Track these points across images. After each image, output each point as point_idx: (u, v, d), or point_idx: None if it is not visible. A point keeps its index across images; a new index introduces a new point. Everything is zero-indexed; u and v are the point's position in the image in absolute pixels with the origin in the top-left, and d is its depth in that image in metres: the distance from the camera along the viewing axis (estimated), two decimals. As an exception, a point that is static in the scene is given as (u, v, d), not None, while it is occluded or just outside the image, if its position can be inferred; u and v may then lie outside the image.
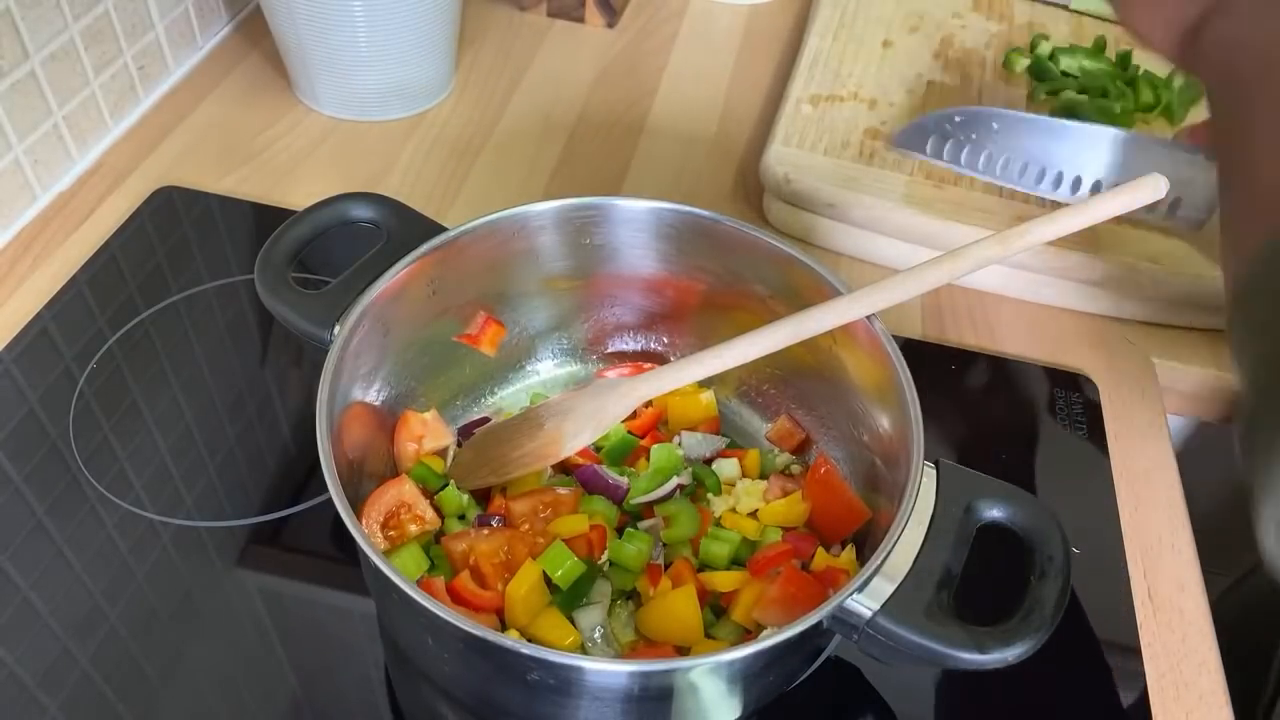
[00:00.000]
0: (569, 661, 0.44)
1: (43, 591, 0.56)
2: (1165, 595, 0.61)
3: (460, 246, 0.57)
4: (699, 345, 0.63)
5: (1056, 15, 0.99)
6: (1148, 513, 0.65)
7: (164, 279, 0.73)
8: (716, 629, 0.53)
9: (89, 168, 0.82)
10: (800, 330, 0.53)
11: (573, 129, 0.90)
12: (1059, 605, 0.45)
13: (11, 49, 0.71)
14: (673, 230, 0.60)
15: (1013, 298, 0.78)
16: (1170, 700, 0.57)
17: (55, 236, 0.76)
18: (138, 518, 0.59)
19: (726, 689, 0.48)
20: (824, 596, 0.50)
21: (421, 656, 0.52)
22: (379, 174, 0.84)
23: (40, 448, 0.62)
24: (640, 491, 0.58)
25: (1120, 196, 0.50)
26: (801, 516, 0.57)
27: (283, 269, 0.55)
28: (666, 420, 0.63)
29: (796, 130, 0.82)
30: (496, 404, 0.65)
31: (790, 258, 0.57)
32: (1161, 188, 0.49)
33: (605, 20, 1.02)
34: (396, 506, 0.54)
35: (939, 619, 0.45)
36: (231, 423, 0.65)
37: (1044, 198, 0.75)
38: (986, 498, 0.48)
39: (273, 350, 0.71)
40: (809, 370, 0.60)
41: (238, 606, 0.57)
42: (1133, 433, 0.70)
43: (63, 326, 0.69)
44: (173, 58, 0.89)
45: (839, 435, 0.60)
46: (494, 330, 0.62)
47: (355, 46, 0.83)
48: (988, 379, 0.73)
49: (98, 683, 0.53)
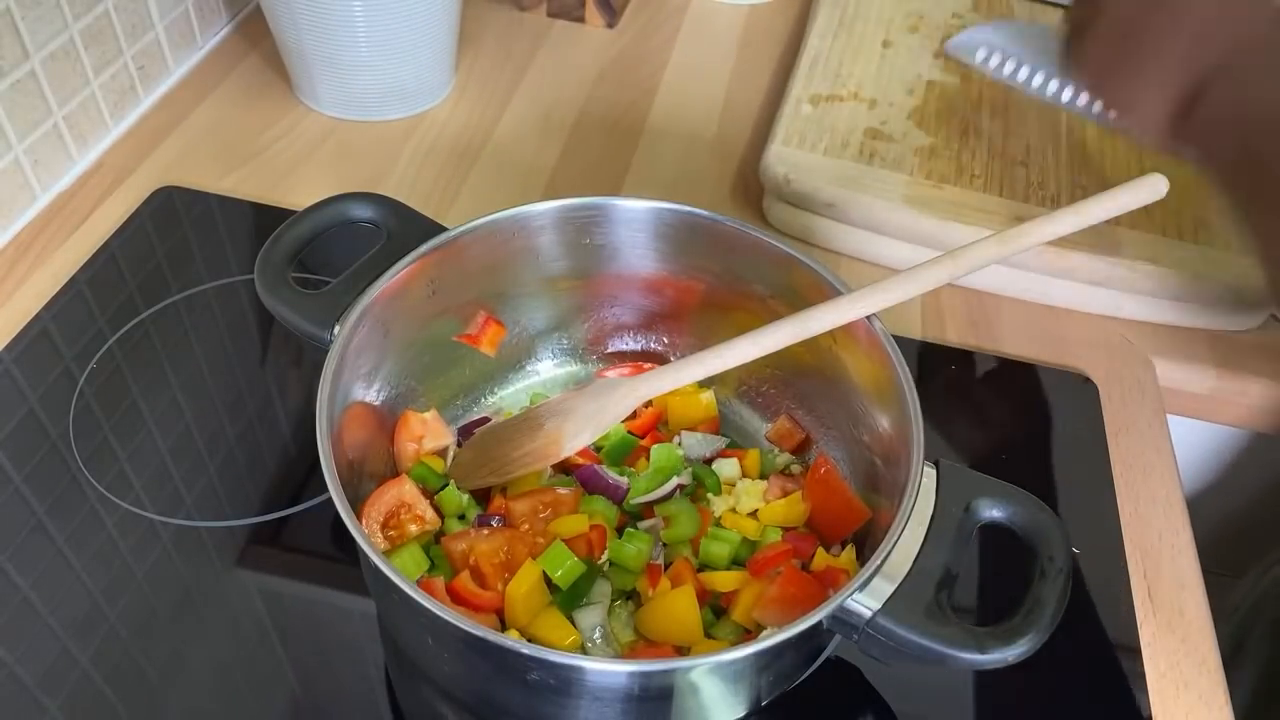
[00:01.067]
0: (569, 661, 0.44)
1: (43, 591, 0.56)
2: (1165, 595, 0.61)
3: (460, 246, 0.57)
4: (699, 345, 0.63)
5: (1056, 15, 0.99)
6: (1148, 513, 0.65)
7: (164, 279, 0.73)
8: (716, 629, 0.53)
9: (89, 168, 0.82)
10: (801, 330, 0.53)
11: (573, 129, 0.90)
12: (1059, 605, 0.45)
13: (11, 49, 0.71)
14: (673, 230, 0.60)
15: (1013, 298, 0.78)
16: (1170, 700, 0.57)
17: (55, 236, 0.76)
18: (138, 518, 0.59)
19: (726, 689, 0.48)
20: (824, 596, 0.50)
21: (421, 656, 0.52)
22: (379, 174, 0.84)
23: (40, 448, 0.62)
24: (640, 491, 0.58)
25: (1119, 196, 0.50)
26: (801, 516, 0.57)
27: (283, 269, 0.55)
28: (666, 420, 0.63)
29: (796, 130, 0.82)
30: (496, 404, 0.65)
31: (790, 258, 0.57)
32: (1161, 188, 0.49)
33: (605, 20, 1.02)
34: (396, 506, 0.54)
35: (939, 619, 0.45)
36: (231, 423, 0.65)
37: (1044, 197, 0.75)
38: (986, 498, 0.48)
39: (273, 350, 0.71)
40: (809, 370, 0.60)
41: (238, 606, 0.56)
42: (1133, 433, 0.70)
43: (63, 326, 0.69)
44: (173, 58, 0.89)
45: (839, 435, 0.60)
46: (494, 330, 0.62)
47: (355, 47, 0.83)
48: (988, 379, 0.73)
49: (98, 683, 0.53)
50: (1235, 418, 0.77)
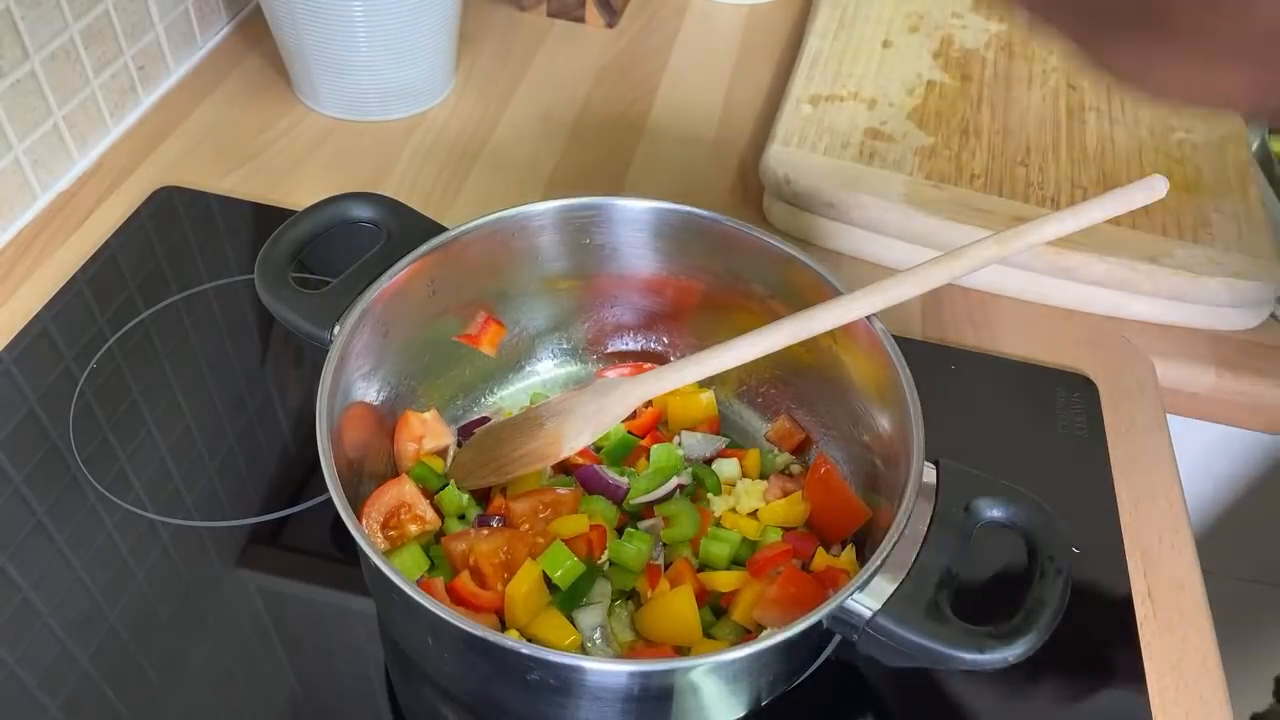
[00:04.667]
0: (569, 661, 0.44)
1: (43, 591, 0.56)
2: (1165, 595, 0.61)
3: (460, 246, 0.57)
4: (699, 345, 0.63)
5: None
6: (1148, 513, 0.65)
7: (164, 279, 0.73)
8: (716, 629, 0.53)
9: (89, 168, 0.82)
10: (801, 330, 0.53)
11: (573, 129, 0.90)
12: (1059, 605, 0.45)
13: (11, 49, 0.71)
14: (673, 230, 0.60)
15: (1013, 298, 0.78)
16: (1170, 700, 0.57)
17: (55, 236, 0.76)
18: (138, 518, 0.59)
19: (726, 689, 0.48)
20: (824, 596, 0.50)
21: (421, 656, 0.52)
22: (379, 174, 0.84)
23: (40, 448, 0.62)
24: (640, 491, 0.58)
25: (1118, 198, 0.50)
26: (801, 516, 0.57)
27: (283, 269, 0.55)
28: (666, 420, 0.63)
29: (796, 130, 0.82)
30: (496, 404, 0.65)
31: (790, 258, 0.57)
32: (1161, 188, 0.49)
33: (605, 20, 1.02)
34: (396, 506, 0.54)
35: (939, 619, 0.45)
36: (231, 423, 0.65)
37: (1044, 197, 0.75)
38: (986, 497, 0.48)
39: (273, 350, 0.71)
40: (809, 370, 0.60)
41: (238, 606, 0.56)
42: (1133, 433, 0.70)
43: (63, 326, 0.69)
44: (173, 58, 0.89)
45: (839, 435, 0.60)
46: (494, 330, 0.62)
47: (355, 46, 0.83)
48: (988, 379, 0.73)
49: (98, 683, 0.53)
50: (1235, 418, 0.77)
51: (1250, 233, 0.77)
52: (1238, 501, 0.90)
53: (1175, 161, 0.83)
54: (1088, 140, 0.84)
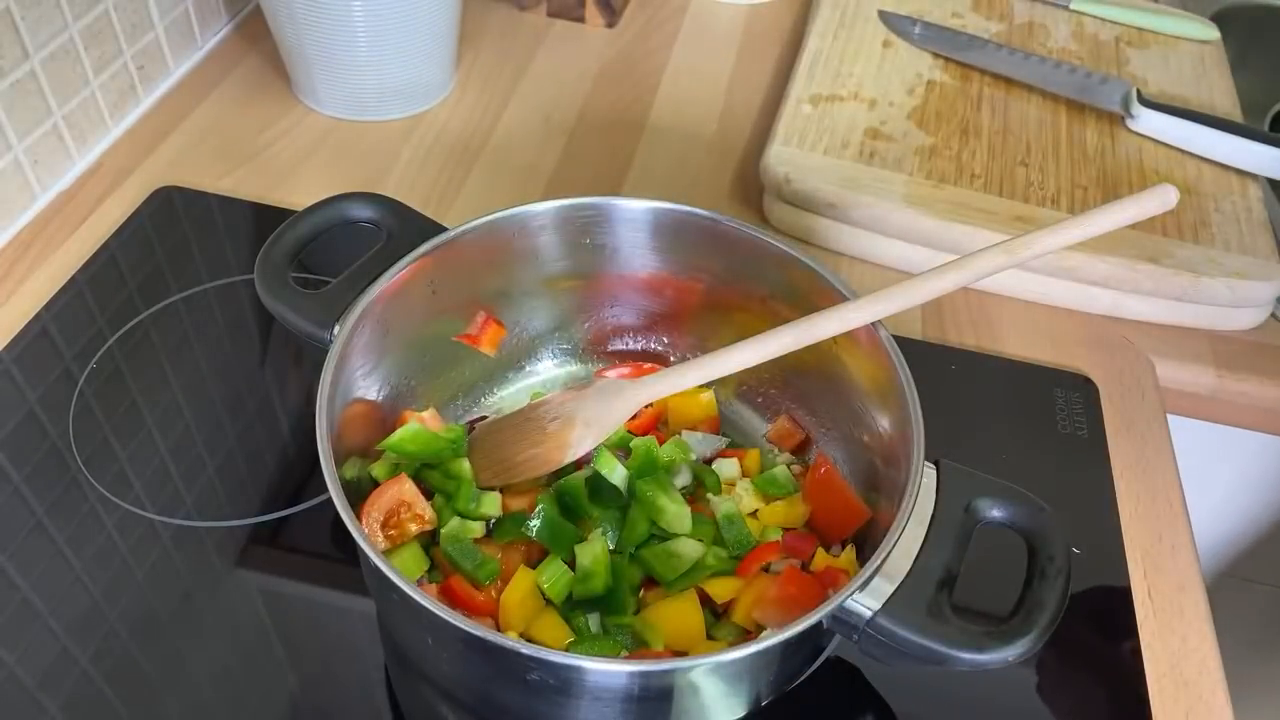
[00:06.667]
0: (569, 661, 0.44)
1: (43, 591, 0.56)
2: (1165, 595, 0.61)
3: (460, 246, 0.57)
4: (699, 346, 0.63)
5: (1056, 15, 0.99)
6: (1148, 513, 0.65)
7: (164, 279, 0.73)
8: (716, 629, 0.53)
9: (89, 168, 0.82)
10: (804, 336, 0.53)
11: (573, 129, 0.90)
12: (1059, 605, 0.45)
13: (11, 49, 0.71)
14: (673, 230, 0.60)
15: (1012, 298, 0.78)
16: (1170, 700, 0.57)
17: (55, 236, 0.76)
18: (138, 518, 0.59)
19: (726, 689, 0.48)
20: (824, 596, 0.50)
21: (421, 656, 0.52)
22: (379, 174, 0.84)
23: (40, 448, 0.62)
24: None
25: (1128, 208, 0.49)
26: (801, 516, 0.57)
27: (283, 269, 0.55)
28: (667, 420, 0.63)
29: (796, 130, 0.82)
30: (496, 404, 0.65)
31: (790, 258, 0.57)
32: (1171, 199, 0.49)
33: (605, 20, 1.02)
34: (396, 506, 0.54)
35: (939, 619, 0.45)
36: (231, 423, 0.65)
37: (1044, 197, 0.75)
38: (986, 498, 0.48)
39: (273, 350, 0.71)
40: (809, 370, 0.60)
41: (238, 606, 0.56)
42: (1133, 433, 0.70)
43: (62, 326, 0.69)
44: (173, 58, 0.89)
45: (839, 435, 0.60)
46: (494, 330, 0.62)
47: (355, 46, 0.83)
48: (988, 379, 0.73)
49: (98, 683, 0.53)
50: (1235, 418, 0.77)
51: (1250, 233, 0.77)
52: (1238, 502, 0.90)
53: (1175, 162, 0.83)
54: (1088, 140, 0.84)
